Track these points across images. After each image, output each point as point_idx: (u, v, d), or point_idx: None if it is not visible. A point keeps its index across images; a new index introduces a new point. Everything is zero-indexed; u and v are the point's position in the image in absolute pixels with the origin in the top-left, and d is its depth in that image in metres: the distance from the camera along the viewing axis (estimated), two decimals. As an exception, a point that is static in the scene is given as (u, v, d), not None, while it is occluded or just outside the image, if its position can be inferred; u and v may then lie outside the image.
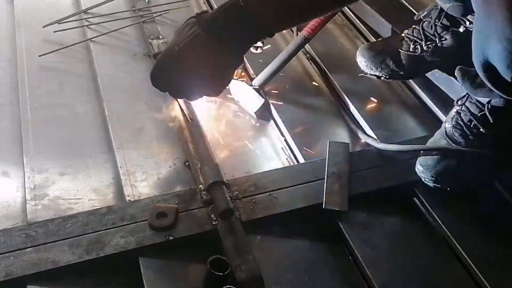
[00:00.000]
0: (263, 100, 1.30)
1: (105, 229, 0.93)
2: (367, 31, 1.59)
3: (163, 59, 0.89)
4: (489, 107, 1.04)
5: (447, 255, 1.01)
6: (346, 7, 1.71)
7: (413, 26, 1.29)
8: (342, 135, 1.26)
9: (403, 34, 1.30)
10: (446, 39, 1.23)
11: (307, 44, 1.52)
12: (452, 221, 1.05)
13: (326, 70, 1.45)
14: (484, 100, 1.04)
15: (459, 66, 1.04)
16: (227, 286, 0.83)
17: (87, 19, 1.55)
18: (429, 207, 1.07)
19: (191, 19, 0.88)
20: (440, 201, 1.08)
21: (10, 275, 0.84)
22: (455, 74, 1.06)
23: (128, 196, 1.04)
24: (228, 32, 0.86)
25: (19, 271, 0.85)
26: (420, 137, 1.21)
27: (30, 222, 0.96)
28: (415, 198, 1.10)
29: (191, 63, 0.87)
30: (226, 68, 0.90)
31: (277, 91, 1.37)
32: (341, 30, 1.66)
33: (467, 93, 1.08)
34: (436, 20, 1.23)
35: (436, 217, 1.05)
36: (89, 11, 1.57)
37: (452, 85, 1.26)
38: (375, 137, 1.24)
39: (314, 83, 1.45)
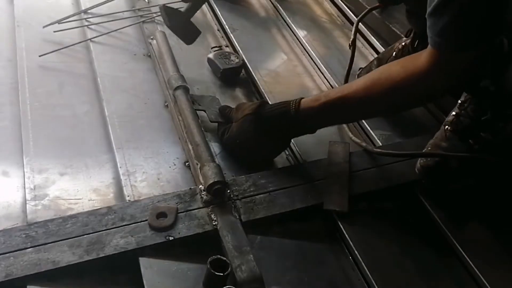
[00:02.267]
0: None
1: (105, 229, 0.93)
2: (367, 31, 1.59)
3: (230, 146, 1.15)
4: (492, 111, 1.04)
5: (447, 255, 1.01)
6: (345, 6, 1.72)
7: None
8: (342, 135, 1.26)
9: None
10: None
11: (307, 44, 1.53)
12: (452, 221, 1.05)
13: (326, 70, 1.45)
14: (486, 104, 1.04)
15: None
16: (227, 287, 0.83)
17: (87, 19, 1.54)
18: (429, 207, 1.07)
19: (249, 116, 1.08)
20: (440, 201, 1.08)
21: (10, 276, 0.84)
22: None
23: (128, 196, 1.04)
24: (278, 131, 1.08)
25: (19, 272, 0.85)
26: (421, 137, 1.21)
27: (30, 222, 0.96)
28: (415, 199, 1.10)
29: (248, 150, 1.12)
30: (273, 152, 1.16)
31: (277, 91, 1.38)
32: (340, 31, 1.67)
33: (468, 97, 1.08)
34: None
35: (436, 217, 1.05)
36: (89, 11, 1.57)
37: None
38: (375, 136, 1.24)
39: (314, 82, 1.46)
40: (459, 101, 1.10)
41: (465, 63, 0.91)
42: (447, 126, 1.10)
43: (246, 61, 1.45)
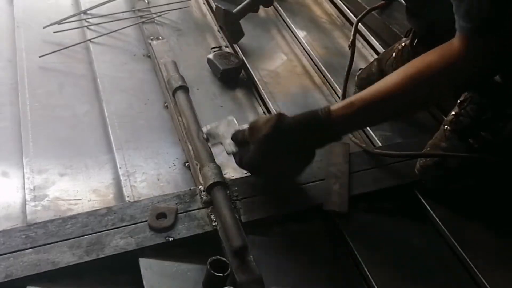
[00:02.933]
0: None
1: (105, 230, 0.93)
2: (367, 32, 1.59)
3: (252, 170, 1.07)
4: (492, 110, 1.04)
5: (446, 255, 1.01)
6: (344, 6, 1.72)
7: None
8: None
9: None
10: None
11: (307, 44, 1.53)
12: (452, 221, 1.05)
13: (326, 71, 1.45)
14: (486, 102, 1.04)
15: None
16: (227, 287, 0.83)
17: (87, 20, 1.54)
18: (428, 208, 1.07)
19: (268, 135, 0.98)
20: (439, 201, 1.08)
21: (10, 276, 0.84)
22: None
23: (128, 196, 1.04)
24: (303, 141, 1.00)
25: (19, 272, 0.85)
26: (420, 137, 1.20)
27: (30, 223, 0.96)
28: (415, 199, 1.10)
29: (271, 171, 1.04)
30: (300, 165, 1.05)
31: (277, 91, 1.38)
32: (340, 31, 1.67)
33: (469, 96, 1.08)
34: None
35: (435, 217, 1.05)
36: (88, 11, 1.57)
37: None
38: (374, 137, 1.24)
39: (313, 83, 1.46)
40: (459, 101, 1.10)
41: (494, 48, 0.89)
42: (446, 126, 1.10)
43: (245, 61, 1.45)
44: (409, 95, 0.97)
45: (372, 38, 1.57)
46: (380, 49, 1.52)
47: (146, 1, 1.63)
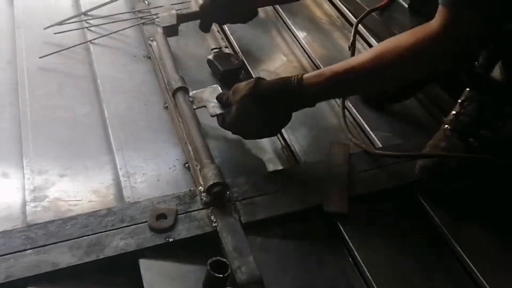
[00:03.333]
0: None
1: (105, 231, 0.93)
2: (367, 33, 1.59)
3: (232, 130, 1.14)
4: (492, 108, 1.04)
5: (447, 255, 1.01)
6: (344, 7, 1.72)
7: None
8: (342, 136, 1.26)
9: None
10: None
11: (307, 45, 1.53)
12: (452, 222, 1.05)
13: (326, 71, 1.45)
14: (486, 100, 1.04)
15: None
16: (227, 288, 0.83)
17: (87, 21, 1.55)
18: (428, 208, 1.07)
19: (247, 98, 1.07)
20: (439, 201, 1.08)
21: (10, 277, 0.84)
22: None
23: (127, 197, 1.04)
24: (279, 105, 1.07)
25: (19, 273, 0.85)
26: (420, 138, 1.20)
27: (30, 223, 0.96)
28: (414, 199, 1.10)
29: (250, 130, 1.13)
30: (275, 127, 1.14)
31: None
32: (340, 32, 1.67)
33: (469, 95, 1.08)
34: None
35: (435, 217, 1.05)
36: (89, 13, 1.57)
37: (451, 86, 1.26)
38: (374, 137, 1.24)
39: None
40: (460, 100, 1.10)
41: (474, 26, 0.89)
42: (446, 126, 1.10)
43: (246, 62, 1.45)
44: (377, 71, 0.99)
45: (372, 39, 1.57)
46: (380, 50, 1.52)
47: (146, 2, 1.63)
